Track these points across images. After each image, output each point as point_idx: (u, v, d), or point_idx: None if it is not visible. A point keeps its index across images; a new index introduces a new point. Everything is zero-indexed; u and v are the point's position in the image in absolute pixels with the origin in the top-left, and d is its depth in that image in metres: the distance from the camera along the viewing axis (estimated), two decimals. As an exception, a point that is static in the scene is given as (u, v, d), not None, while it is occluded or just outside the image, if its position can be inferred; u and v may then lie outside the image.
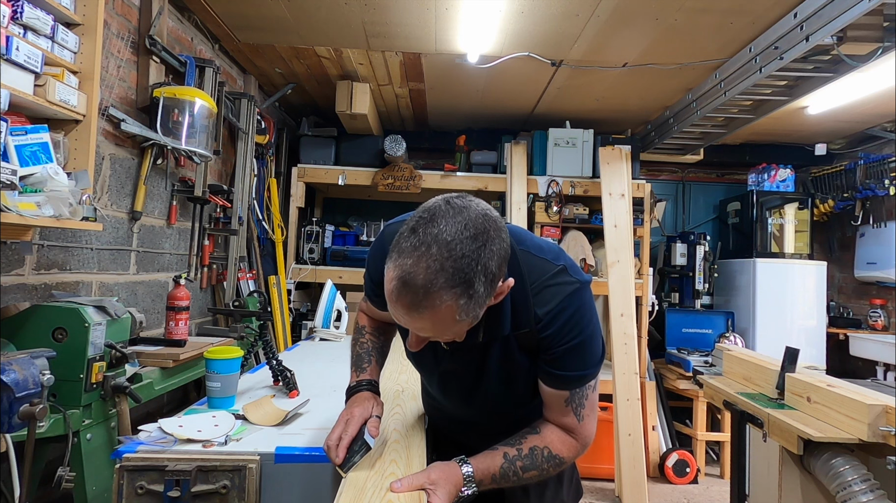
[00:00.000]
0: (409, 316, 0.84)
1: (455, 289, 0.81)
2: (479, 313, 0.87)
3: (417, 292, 0.81)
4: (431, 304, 0.81)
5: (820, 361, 3.99)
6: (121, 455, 1.07)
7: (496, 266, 0.85)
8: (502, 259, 0.87)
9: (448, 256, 0.80)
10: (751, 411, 1.92)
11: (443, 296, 0.81)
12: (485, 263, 0.83)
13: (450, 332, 0.89)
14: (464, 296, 0.82)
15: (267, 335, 1.97)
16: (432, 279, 0.80)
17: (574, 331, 0.97)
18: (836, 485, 1.56)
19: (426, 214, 0.85)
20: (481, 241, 0.83)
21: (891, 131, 4.00)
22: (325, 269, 3.83)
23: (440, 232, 0.82)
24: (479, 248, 0.82)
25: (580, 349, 0.98)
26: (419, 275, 0.80)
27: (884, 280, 4.16)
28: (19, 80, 1.51)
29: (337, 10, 2.60)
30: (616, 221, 3.68)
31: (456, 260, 0.80)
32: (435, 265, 0.80)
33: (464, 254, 0.81)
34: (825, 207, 4.45)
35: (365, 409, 1.06)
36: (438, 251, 0.80)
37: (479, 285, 0.83)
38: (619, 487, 3.34)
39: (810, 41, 2.31)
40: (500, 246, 0.86)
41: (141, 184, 2.31)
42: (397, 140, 3.80)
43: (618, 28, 2.65)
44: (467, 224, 0.83)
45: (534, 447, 1.02)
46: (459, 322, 0.85)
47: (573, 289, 0.97)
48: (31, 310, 1.55)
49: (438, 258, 0.80)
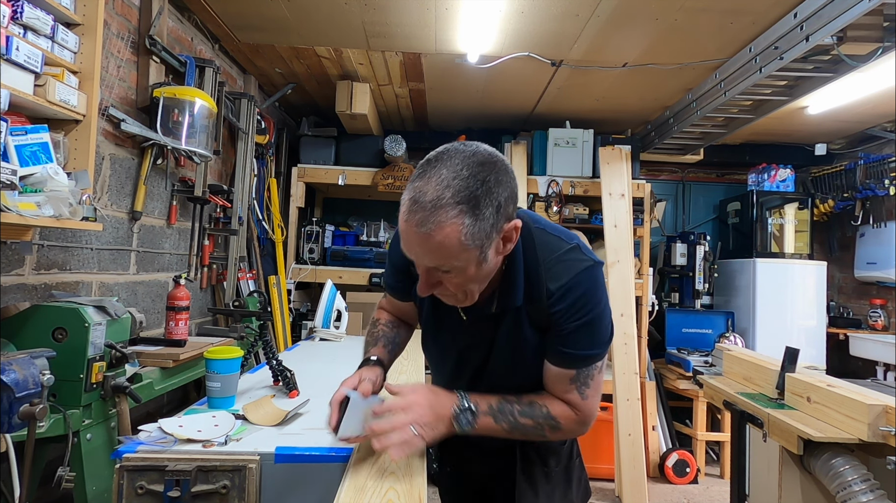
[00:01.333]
0: (419, 236, 0.86)
1: (461, 205, 0.84)
2: (486, 246, 0.89)
3: (426, 207, 0.84)
4: (438, 219, 0.84)
5: (820, 361, 3.99)
6: (121, 455, 1.07)
7: (503, 196, 0.88)
8: (510, 195, 0.90)
9: (455, 175, 0.85)
10: (751, 411, 1.92)
11: (449, 211, 0.84)
12: (490, 187, 0.86)
13: (456, 265, 0.90)
14: (469, 215, 0.85)
15: (267, 335, 1.97)
16: (440, 194, 0.84)
17: (585, 307, 0.98)
18: (836, 485, 1.56)
19: (434, 154, 0.90)
20: (488, 168, 0.87)
21: (891, 131, 4.00)
22: (325, 269, 3.83)
23: (450, 158, 0.88)
24: (486, 173, 0.87)
25: (589, 327, 0.99)
26: (428, 192, 0.85)
27: (884, 280, 4.16)
28: (19, 80, 1.51)
29: (337, 10, 2.60)
30: (616, 221, 3.68)
31: (463, 179, 0.85)
32: (443, 183, 0.85)
33: (471, 174, 0.86)
34: (825, 207, 4.45)
35: (355, 377, 1.10)
36: (447, 172, 0.86)
37: (485, 208, 0.86)
38: (619, 487, 3.34)
39: (810, 41, 2.31)
40: (506, 179, 0.89)
41: (141, 184, 2.31)
42: (397, 140, 3.80)
43: (618, 28, 2.65)
44: (476, 153, 0.89)
45: (533, 401, 1.06)
46: (466, 249, 0.87)
47: (585, 266, 0.99)
48: (31, 311, 1.55)
49: (446, 177, 0.85)
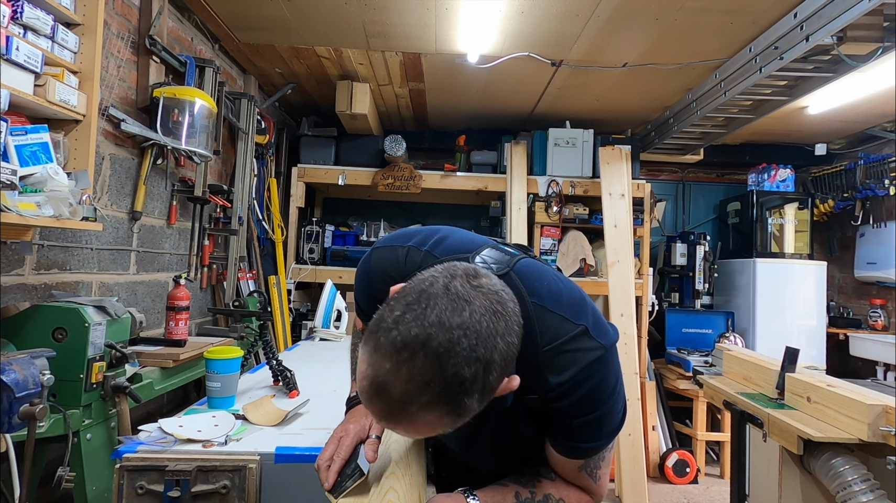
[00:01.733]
0: (384, 421, 0.70)
1: (441, 407, 0.67)
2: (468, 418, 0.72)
3: (392, 405, 0.67)
4: (409, 419, 0.68)
5: (820, 361, 3.99)
6: (121, 455, 1.07)
7: (498, 376, 0.71)
8: (508, 362, 0.73)
9: (437, 373, 0.65)
10: (751, 411, 1.92)
11: (424, 415, 0.67)
12: (483, 381, 0.68)
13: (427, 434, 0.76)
14: (452, 415, 0.69)
15: (267, 335, 1.97)
16: (411, 398, 0.66)
17: (592, 405, 0.83)
18: (836, 485, 1.56)
19: (413, 298, 0.69)
20: (482, 353, 0.67)
21: (891, 131, 4.00)
22: (325, 269, 3.83)
23: (429, 337, 0.65)
24: (478, 363, 0.67)
25: (598, 422, 0.85)
26: (396, 387, 0.66)
27: (884, 280, 4.16)
28: (19, 80, 1.51)
29: (337, 10, 2.60)
30: (616, 221, 3.68)
31: (446, 380, 0.65)
32: (417, 379, 0.65)
33: (456, 374, 0.65)
34: (825, 207, 4.45)
35: (361, 427, 0.94)
36: (424, 363, 0.65)
37: (473, 402, 0.69)
38: (619, 487, 3.34)
39: (810, 41, 2.31)
40: (507, 351, 0.71)
41: (141, 184, 2.31)
42: (397, 140, 3.80)
43: (618, 28, 2.65)
44: (468, 330, 0.66)
45: (549, 496, 0.91)
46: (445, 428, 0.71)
47: (594, 358, 0.82)
48: (31, 311, 1.55)
49: (423, 372, 0.65)
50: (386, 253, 0.93)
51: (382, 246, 0.97)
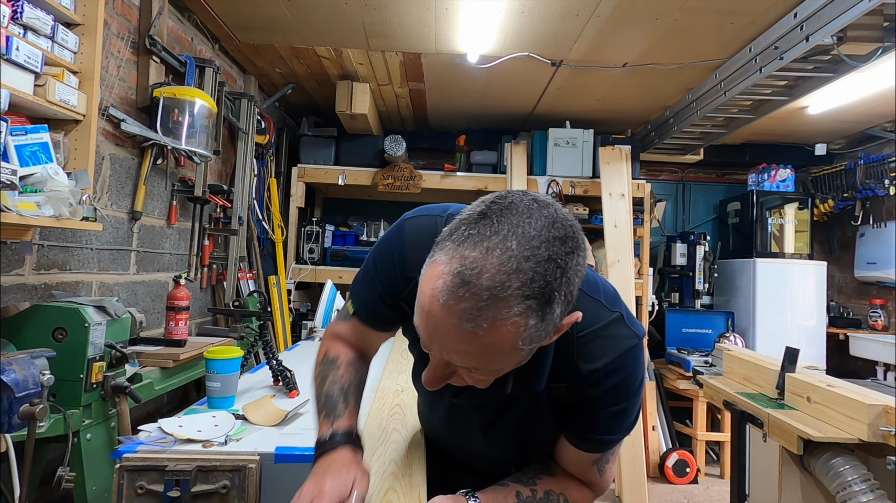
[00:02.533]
0: (460, 333, 0.61)
1: (530, 300, 0.60)
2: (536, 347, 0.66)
3: (481, 294, 0.59)
4: (494, 317, 0.59)
5: (820, 361, 3.99)
6: (121, 455, 1.07)
7: (576, 287, 0.65)
8: (580, 278, 0.66)
9: (530, 256, 0.59)
10: (751, 411, 1.92)
11: (513, 307, 0.59)
12: (570, 278, 0.63)
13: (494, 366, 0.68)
14: (536, 316, 0.61)
15: (267, 335, 1.97)
16: (504, 280, 0.59)
17: (621, 395, 0.79)
18: (836, 485, 1.56)
19: (501, 200, 0.64)
20: (571, 247, 0.63)
21: (891, 131, 4.00)
22: (325, 269, 3.83)
23: (522, 223, 0.61)
24: (569, 256, 0.62)
25: (622, 415, 0.81)
26: (486, 272, 0.59)
27: (884, 280, 4.16)
28: (19, 80, 1.51)
29: (337, 10, 2.60)
30: (616, 221, 3.68)
31: (539, 263, 0.60)
32: (511, 264, 0.59)
33: (550, 257, 0.60)
34: (825, 207, 4.45)
35: (341, 484, 0.76)
36: (518, 246, 0.59)
37: (558, 305, 0.62)
38: (619, 487, 3.34)
39: (810, 41, 2.31)
40: (584, 260, 0.66)
41: (141, 184, 2.31)
42: (397, 140, 3.80)
43: (618, 28, 2.65)
44: (555, 222, 0.63)
45: (549, 492, 0.87)
46: (518, 352, 0.64)
47: (629, 346, 0.78)
48: (31, 311, 1.55)
49: (517, 255, 0.59)
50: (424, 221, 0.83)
51: (416, 216, 0.87)
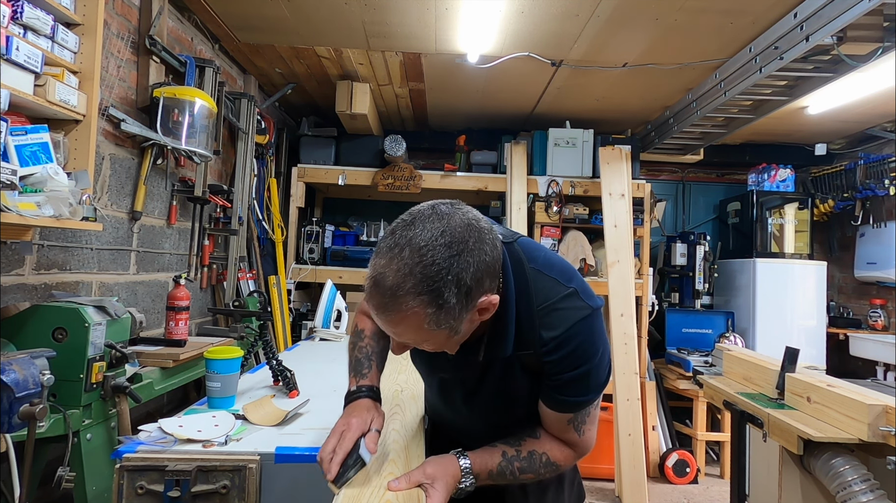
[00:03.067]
0: (380, 317, 0.84)
1: (422, 296, 0.79)
2: (456, 326, 0.84)
3: (385, 294, 0.80)
4: (398, 308, 0.81)
5: (820, 361, 3.99)
6: (121, 455, 1.07)
7: (472, 279, 0.82)
8: (483, 272, 0.84)
9: (418, 262, 0.79)
10: (751, 411, 1.92)
11: (409, 301, 0.80)
12: (457, 274, 0.80)
13: (426, 341, 0.88)
14: (432, 306, 0.80)
15: (267, 335, 1.97)
16: (400, 282, 0.79)
17: (581, 359, 0.93)
18: (836, 485, 1.56)
19: (408, 217, 0.85)
20: (456, 250, 0.81)
21: (891, 131, 4.00)
22: (325, 269, 3.83)
23: (415, 236, 0.81)
24: (453, 258, 0.80)
25: (585, 377, 0.94)
26: (389, 277, 0.80)
27: (884, 280, 4.16)
28: (19, 80, 1.51)
29: (337, 10, 2.60)
30: (616, 221, 3.68)
31: (425, 266, 0.79)
32: (404, 269, 0.79)
33: (434, 262, 0.79)
34: (825, 207, 4.45)
35: (363, 421, 1.00)
36: (410, 255, 0.79)
37: (451, 296, 0.80)
38: (619, 487, 3.34)
39: (810, 41, 2.31)
40: (479, 258, 0.83)
41: (141, 184, 2.31)
42: (397, 140, 3.80)
43: (618, 28, 2.65)
44: (445, 231, 0.81)
45: (532, 451, 1.02)
46: (432, 331, 0.83)
47: (583, 316, 0.92)
48: (31, 310, 1.55)
49: (409, 262, 0.79)
50: None
51: None
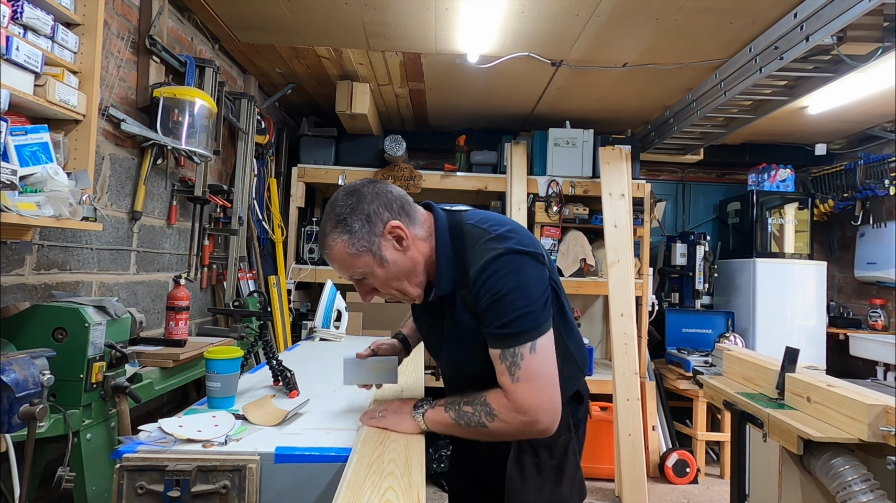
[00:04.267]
0: (328, 259, 1.16)
1: (336, 228, 1.12)
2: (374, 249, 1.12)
3: (321, 242, 1.16)
4: (328, 244, 1.14)
5: (820, 361, 3.99)
6: (121, 455, 1.07)
7: (370, 209, 1.12)
8: (380, 206, 1.13)
9: (330, 211, 1.14)
10: (751, 411, 1.92)
11: (330, 235, 1.13)
12: (356, 207, 1.12)
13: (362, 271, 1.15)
14: (345, 233, 1.11)
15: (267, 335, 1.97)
16: (324, 228, 1.15)
17: (494, 286, 1.07)
18: (836, 485, 1.56)
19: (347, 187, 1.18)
20: (355, 195, 1.13)
21: (891, 131, 4.00)
22: (325, 269, 3.83)
23: (330, 202, 1.16)
24: (352, 199, 1.13)
25: (499, 303, 1.07)
26: (321, 229, 1.16)
27: (884, 280, 4.16)
28: (19, 80, 1.51)
29: (337, 10, 2.60)
30: (616, 221, 3.68)
31: (334, 209, 1.13)
32: (325, 220, 1.15)
33: (337, 205, 1.13)
34: (825, 207, 4.45)
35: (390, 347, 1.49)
36: (328, 211, 1.15)
37: (355, 222, 1.11)
38: (619, 487, 3.34)
39: (810, 41, 2.31)
40: (371, 196, 1.13)
41: (141, 184, 2.31)
42: (397, 140, 3.80)
43: (618, 28, 2.66)
44: (346, 189, 1.16)
45: (476, 394, 1.14)
46: (358, 256, 1.12)
47: (496, 254, 1.08)
48: (31, 310, 1.55)
49: (328, 215, 1.14)
50: None
51: None
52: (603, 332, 4.55)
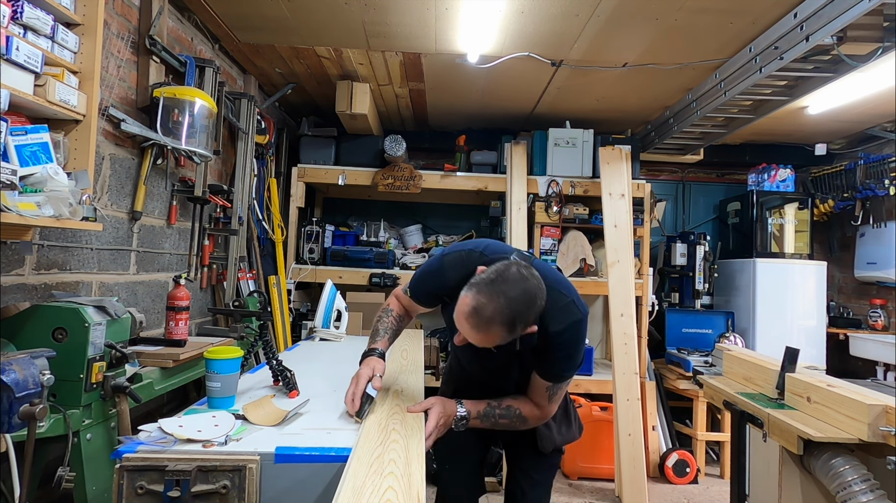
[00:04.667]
0: (470, 330, 1.28)
1: (504, 326, 1.25)
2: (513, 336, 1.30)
3: (482, 320, 1.25)
4: (487, 329, 1.26)
5: (820, 361, 3.99)
6: (121, 455, 1.07)
7: (532, 320, 1.30)
8: (537, 314, 1.31)
9: (507, 308, 1.24)
10: (751, 411, 1.92)
11: (495, 327, 1.25)
12: (526, 318, 1.28)
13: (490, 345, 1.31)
14: (507, 331, 1.27)
15: (267, 335, 1.97)
16: (494, 317, 1.24)
17: (572, 347, 1.42)
18: (836, 485, 1.56)
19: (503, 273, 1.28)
20: (530, 302, 1.27)
21: (891, 131, 4.00)
22: (325, 269, 3.83)
23: (510, 290, 1.25)
24: (527, 309, 1.27)
25: (571, 359, 1.43)
26: (487, 311, 1.24)
27: (884, 280, 4.16)
28: (19, 80, 1.51)
29: (337, 10, 2.60)
30: (616, 221, 3.68)
31: (512, 311, 1.24)
32: (499, 310, 1.24)
33: (516, 311, 1.25)
34: (825, 207, 4.45)
35: (370, 369, 1.43)
36: (505, 303, 1.24)
37: (519, 328, 1.28)
38: (619, 487, 3.34)
39: (810, 41, 2.31)
40: (539, 306, 1.30)
41: (141, 184, 2.31)
42: (397, 140, 3.80)
43: (618, 28, 2.65)
44: (526, 291, 1.26)
45: (510, 406, 1.51)
46: (501, 342, 1.30)
47: (577, 319, 1.40)
48: (31, 310, 1.55)
49: (503, 308, 1.24)
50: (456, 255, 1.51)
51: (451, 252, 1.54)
52: (603, 332, 4.55)
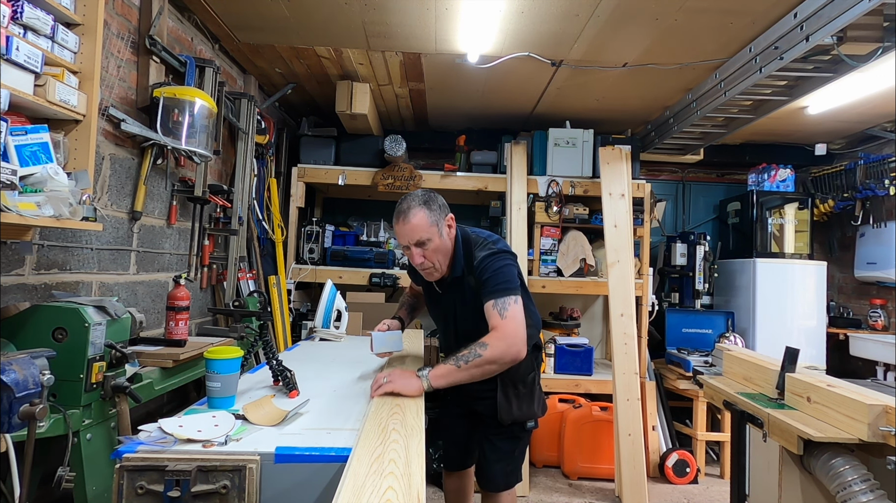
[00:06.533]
0: (403, 226, 1.73)
1: (421, 205, 1.73)
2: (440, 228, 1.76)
3: (403, 211, 1.73)
4: (413, 213, 1.71)
5: (820, 361, 3.99)
6: (121, 455, 1.07)
7: (439, 205, 1.77)
8: (442, 205, 1.79)
9: (412, 197, 1.75)
10: (751, 411, 1.92)
11: (415, 208, 1.72)
12: (430, 199, 1.76)
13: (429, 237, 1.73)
14: (427, 209, 1.73)
15: (267, 335, 1.97)
16: (411, 203, 1.73)
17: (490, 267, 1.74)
18: (836, 485, 1.56)
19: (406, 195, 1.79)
20: (430, 193, 1.78)
21: (891, 131, 4.00)
22: (325, 269, 3.83)
23: (412, 195, 1.77)
24: (430, 194, 1.78)
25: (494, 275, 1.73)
26: (405, 203, 1.75)
27: (884, 280, 4.16)
28: (19, 80, 1.51)
29: (337, 10, 2.60)
30: (616, 221, 3.68)
31: (417, 196, 1.75)
32: (412, 198, 1.75)
33: (418, 194, 1.76)
34: (825, 207, 4.45)
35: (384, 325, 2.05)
36: (410, 197, 1.76)
37: (434, 205, 1.75)
38: (619, 487, 3.34)
39: (810, 41, 2.31)
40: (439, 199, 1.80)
41: (141, 184, 2.31)
42: (397, 140, 3.80)
43: (618, 28, 2.66)
44: (420, 190, 1.79)
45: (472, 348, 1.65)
46: (429, 225, 1.73)
47: (492, 251, 1.77)
48: (31, 310, 1.55)
49: (415, 195, 1.76)
50: None
51: None
52: (603, 332, 4.55)
